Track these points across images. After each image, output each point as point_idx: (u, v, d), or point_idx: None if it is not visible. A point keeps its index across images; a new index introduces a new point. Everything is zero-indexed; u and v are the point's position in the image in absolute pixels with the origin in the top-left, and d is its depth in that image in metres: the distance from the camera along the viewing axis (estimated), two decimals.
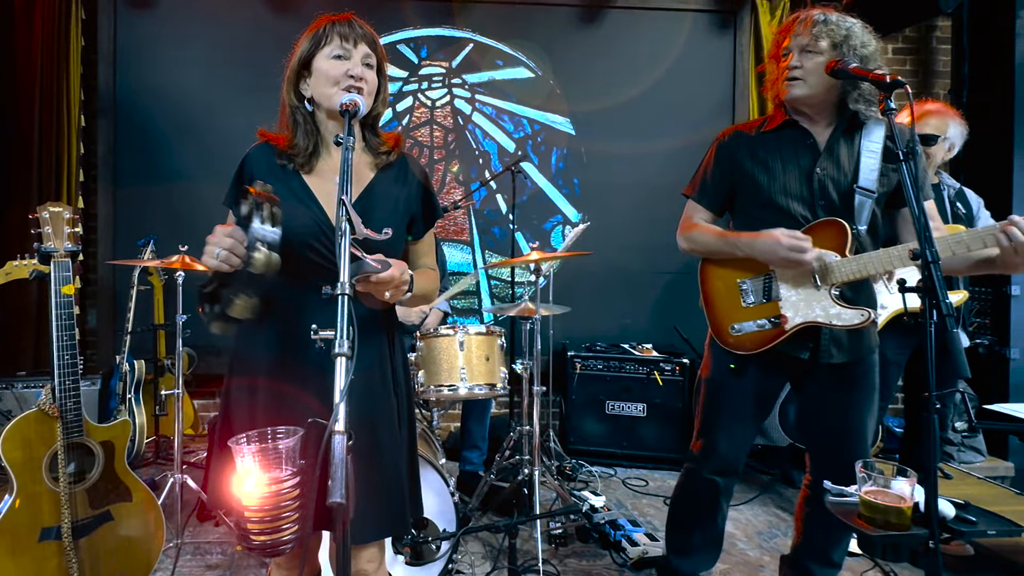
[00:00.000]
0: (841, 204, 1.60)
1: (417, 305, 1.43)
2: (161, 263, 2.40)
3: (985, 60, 3.47)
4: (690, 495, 1.87)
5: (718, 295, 1.75)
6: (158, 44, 3.57)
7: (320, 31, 1.26)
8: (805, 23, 1.57)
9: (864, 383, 1.67)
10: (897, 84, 1.38)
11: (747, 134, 1.73)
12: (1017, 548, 2.38)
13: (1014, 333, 3.26)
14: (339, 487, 0.74)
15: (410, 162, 1.36)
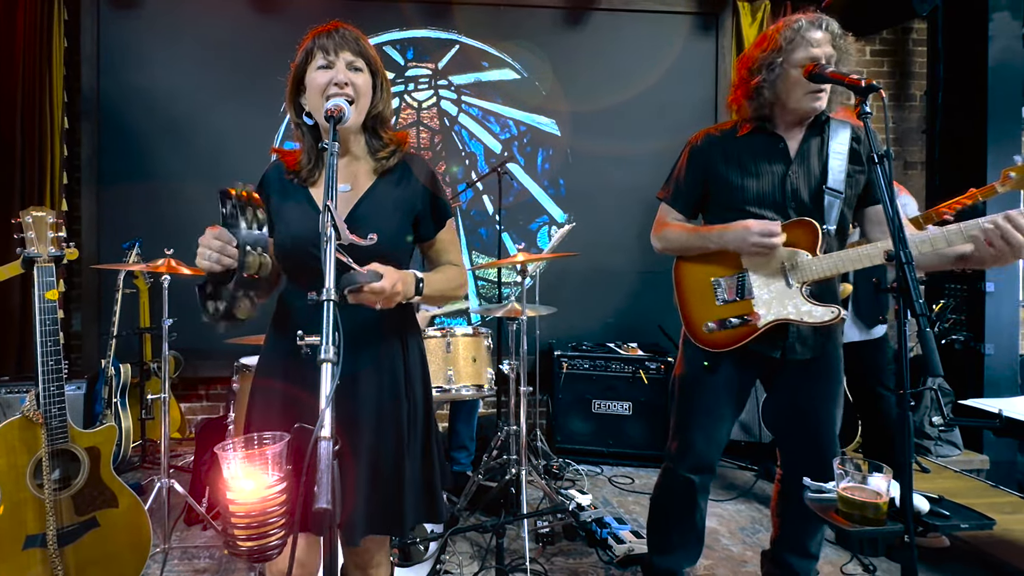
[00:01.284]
0: (812, 205, 1.64)
1: (439, 304, 1.44)
2: (147, 267, 2.39)
3: (959, 61, 3.55)
4: (668, 494, 1.88)
5: (692, 293, 1.77)
6: (142, 45, 3.54)
7: (307, 46, 1.28)
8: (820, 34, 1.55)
9: (829, 377, 1.72)
10: (872, 88, 1.40)
11: (720, 138, 1.75)
12: (992, 540, 2.45)
13: (989, 329, 3.34)
14: (325, 493, 0.75)
15: (414, 163, 1.36)
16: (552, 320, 3.56)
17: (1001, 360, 3.36)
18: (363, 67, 1.28)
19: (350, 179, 1.31)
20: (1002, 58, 3.37)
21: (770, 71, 1.59)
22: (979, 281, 3.32)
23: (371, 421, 1.24)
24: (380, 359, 1.28)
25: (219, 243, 1.04)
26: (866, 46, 3.95)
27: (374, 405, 1.25)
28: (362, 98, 1.27)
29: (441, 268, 1.40)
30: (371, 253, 1.16)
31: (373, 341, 1.27)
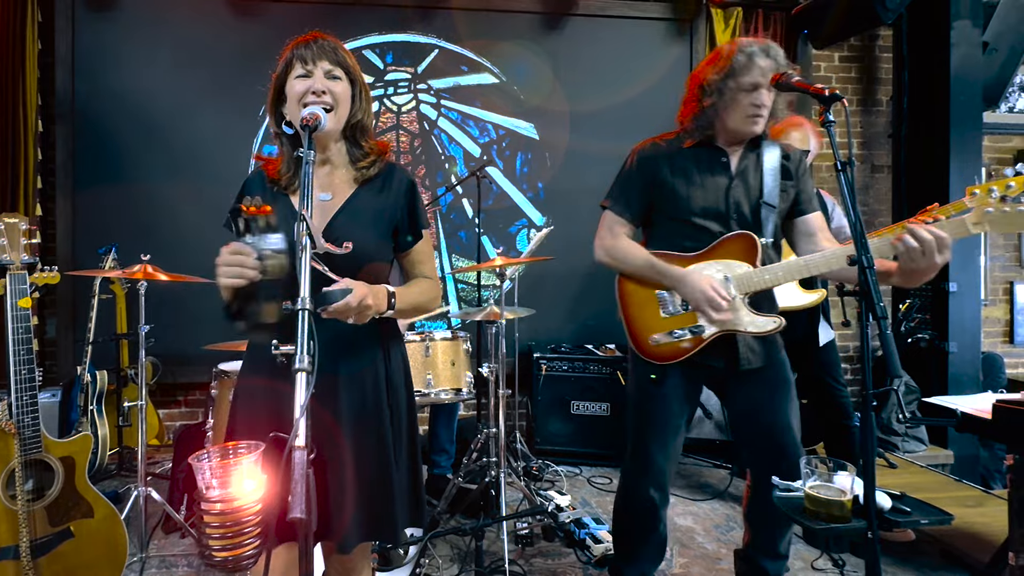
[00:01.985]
0: (751, 218, 1.71)
1: (412, 317, 1.45)
2: (122, 273, 2.37)
3: (923, 68, 3.65)
4: (632, 512, 1.89)
5: (636, 306, 1.78)
6: (119, 47, 3.50)
7: (287, 56, 1.30)
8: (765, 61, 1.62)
9: (781, 381, 1.77)
10: (835, 98, 1.45)
11: (666, 148, 1.77)
12: (955, 533, 2.54)
13: (952, 328, 3.45)
14: (299, 502, 0.77)
15: (395, 172, 1.37)
16: (532, 322, 3.60)
17: (964, 357, 3.47)
18: (341, 76, 1.29)
19: (330, 188, 1.32)
20: (963, 64, 3.48)
21: (721, 95, 1.66)
22: (943, 281, 3.43)
23: (354, 428, 1.26)
24: (363, 366, 1.29)
25: (238, 258, 1.05)
26: (835, 52, 4.05)
27: (357, 412, 1.26)
28: (341, 106, 1.28)
29: (415, 282, 1.41)
30: (350, 262, 1.19)
31: (355, 348, 1.28)
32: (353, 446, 1.25)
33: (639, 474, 1.83)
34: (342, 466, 1.23)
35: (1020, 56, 3.56)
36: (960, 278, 3.47)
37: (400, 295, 1.28)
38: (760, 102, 1.64)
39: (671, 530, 2.64)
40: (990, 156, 4.13)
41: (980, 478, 3.23)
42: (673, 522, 2.72)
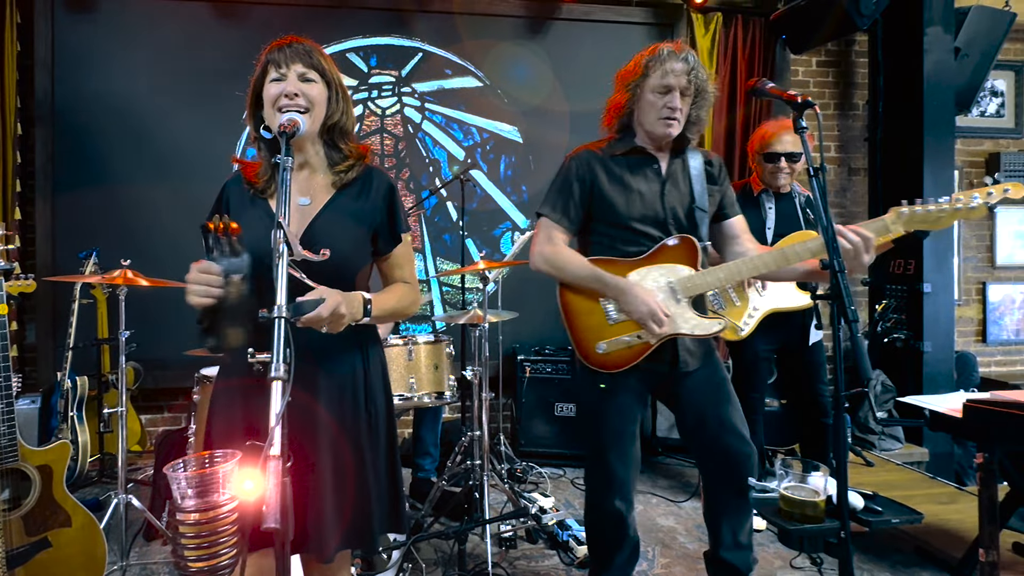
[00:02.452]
0: (687, 222, 1.74)
1: (391, 322, 1.45)
2: (102, 279, 2.35)
3: (897, 73, 3.73)
4: (601, 526, 1.87)
5: (580, 315, 1.75)
6: (99, 49, 3.47)
7: (263, 60, 1.30)
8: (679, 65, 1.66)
9: (719, 380, 1.80)
10: (807, 104, 1.50)
11: (600, 156, 1.77)
12: (929, 529, 2.58)
13: (927, 327, 3.52)
14: (274, 512, 0.78)
15: (375, 176, 1.37)
16: (516, 325, 3.61)
17: (938, 357, 3.55)
18: (316, 78, 1.29)
19: (309, 192, 1.32)
20: (936, 70, 3.55)
21: (633, 94, 1.69)
22: (918, 282, 3.50)
23: (333, 433, 1.25)
24: (342, 373, 1.29)
25: (205, 276, 1.06)
26: (812, 57, 4.12)
27: (336, 417, 1.26)
28: (316, 108, 1.28)
29: (393, 287, 1.41)
30: (328, 268, 1.18)
31: (333, 353, 1.28)
32: (331, 454, 1.24)
33: (603, 488, 1.81)
34: (320, 474, 1.22)
35: (990, 61, 3.65)
36: (934, 279, 3.54)
37: (377, 302, 1.27)
38: (674, 105, 1.67)
39: (653, 531, 2.67)
40: (962, 159, 4.23)
41: (954, 475, 3.30)
42: (655, 522, 2.75)
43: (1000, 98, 4.30)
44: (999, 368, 4.29)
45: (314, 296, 1.11)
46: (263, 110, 1.30)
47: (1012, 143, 4.30)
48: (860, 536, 2.55)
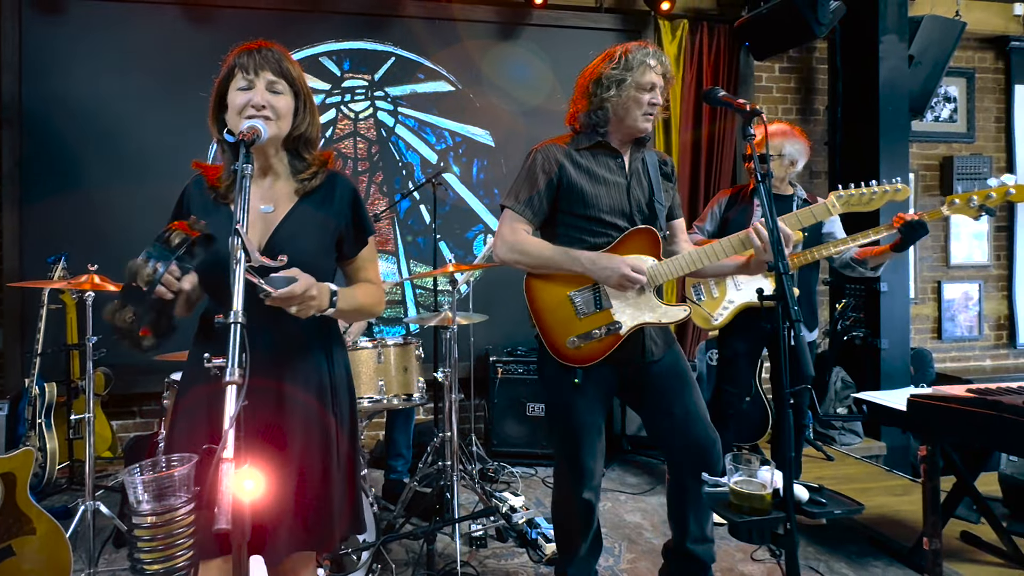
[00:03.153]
0: (650, 215, 1.81)
1: (355, 319, 1.46)
2: (68, 284, 2.35)
3: (855, 79, 3.86)
4: (571, 517, 1.92)
5: (550, 311, 1.77)
6: (68, 52, 3.44)
7: (229, 63, 1.29)
8: (659, 65, 1.75)
9: (681, 369, 1.86)
10: (755, 112, 1.57)
11: (566, 149, 1.80)
12: (884, 520, 2.70)
13: (884, 325, 3.65)
14: (225, 514, 0.82)
15: (338, 182, 1.37)
16: (489, 327, 3.66)
17: (894, 353, 3.68)
18: (284, 89, 1.28)
19: (272, 199, 1.32)
20: (891, 76, 3.69)
21: (619, 88, 1.72)
22: (875, 282, 3.63)
23: (298, 435, 1.26)
24: (307, 373, 1.30)
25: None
26: (775, 64, 4.23)
27: (301, 419, 1.27)
28: (282, 120, 1.27)
29: (358, 285, 1.42)
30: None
31: (298, 355, 1.29)
32: (295, 452, 1.26)
33: (574, 481, 1.85)
34: (282, 477, 1.23)
35: (943, 69, 3.80)
36: (891, 278, 3.67)
37: (343, 295, 1.28)
38: (656, 101, 1.74)
39: (620, 526, 2.74)
40: (918, 163, 4.38)
41: (911, 468, 3.42)
42: (622, 518, 2.82)
43: (953, 104, 4.46)
44: (954, 364, 4.45)
45: (288, 274, 1.12)
46: (226, 112, 1.29)
47: (964, 147, 4.47)
48: (817, 528, 2.65)
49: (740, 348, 2.68)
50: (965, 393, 1.76)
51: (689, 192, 3.96)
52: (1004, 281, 4.54)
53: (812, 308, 2.72)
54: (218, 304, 1.27)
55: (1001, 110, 4.55)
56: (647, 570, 2.37)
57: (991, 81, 4.54)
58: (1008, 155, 4.54)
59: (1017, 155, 4.52)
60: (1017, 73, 4.47)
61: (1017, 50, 4.46)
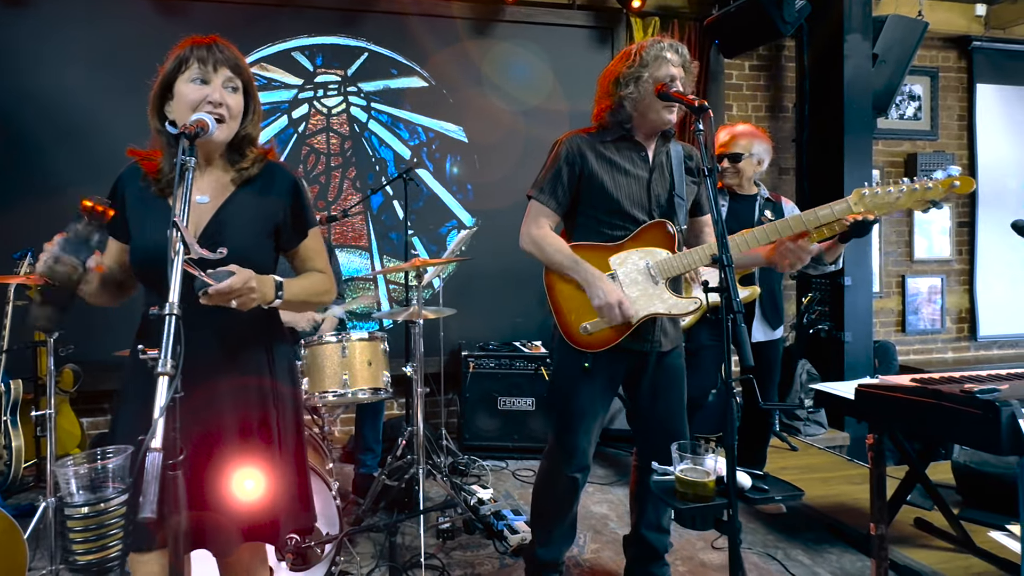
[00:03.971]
0: (668, 208, 1.85)
1: (304, 310, 1.46)
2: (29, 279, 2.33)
3: (821, 77, 3.93)
4: (553, 493, 1.98)
5: (566, 298, 1.85)
6: (35, 45, 3.38)
7: (181, 54, 1.26)
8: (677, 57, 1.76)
9: (680, 366, 1.93)
10: (703, 108, 1.60)
11: (589, 140, 1.84)
12: (843, 508, 2.76)
13: (847, 319, 3.73)
14: (150, 503, 0.83)
15: (276, 172, 1.36)
16: (462, 322, 3.68)
17: (857, 346, 3.76)
18: (239, 87, 1.28)
19: (209, 190, 1.31)
20: (855, 75, 3.75)
21: (637, 84, 1.76)
22: (839, 276, 3.70)
23: (236, 430, 1.26)
24: (246, 368, 1.30)
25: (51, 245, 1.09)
26: (745, 62, 4.29)
27: (239, 414, 1.27)
28: (233, 120, 1.27)
29: (305, 274, 1.42)
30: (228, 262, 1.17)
31: (237, 350, 1.29)
32: (233, 447, 1.25)
33: (565, 458, 1.91)
34: (221, 471, 1.23)
35: (905, 67, 3.87)
36: (854, 273, 3.75)
37: (288, 285, 1.29)
38: (679, 91, 1.75)
39: (587, 517, 2.78)
40: (884, 159, 4.47)
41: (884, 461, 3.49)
42: (589, 509, 2.86)
43: (917, 102, 4.56)
44: (917, 356, 4.56)
45: (224, 269, 1.13)
46: (170, 103, 1.27)
47: (928, 144, 4.57)
48: (777, 517, 2.71)
49: (704, 341, 2.72)
50: (908, 383, 1.81)
51: None
52: (966, 275, 4.66)
53: (776, 306, 2.76)
54: (157, 297, 1.25)
55: (964, 108, 4.65)
56: (610, 559, 2.41)
57: (954, 80, 4.64)
58: (970, 152, 4.65)
59: (978, 152, 4.63)
60: (979, 72, 4.58)
61: (979, 50, 4.56)
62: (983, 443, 1.54)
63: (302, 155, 3.82)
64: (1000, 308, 4.65)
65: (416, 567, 2.29)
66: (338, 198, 3.86)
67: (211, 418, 1.24)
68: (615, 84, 1.80)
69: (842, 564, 2.35)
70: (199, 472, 1.21)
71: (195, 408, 1.19)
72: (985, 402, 1.50)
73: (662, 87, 1.73)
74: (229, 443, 1.25)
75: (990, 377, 1.78)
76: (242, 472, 1.22)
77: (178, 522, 0.98)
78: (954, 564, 2.21)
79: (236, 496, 1.19)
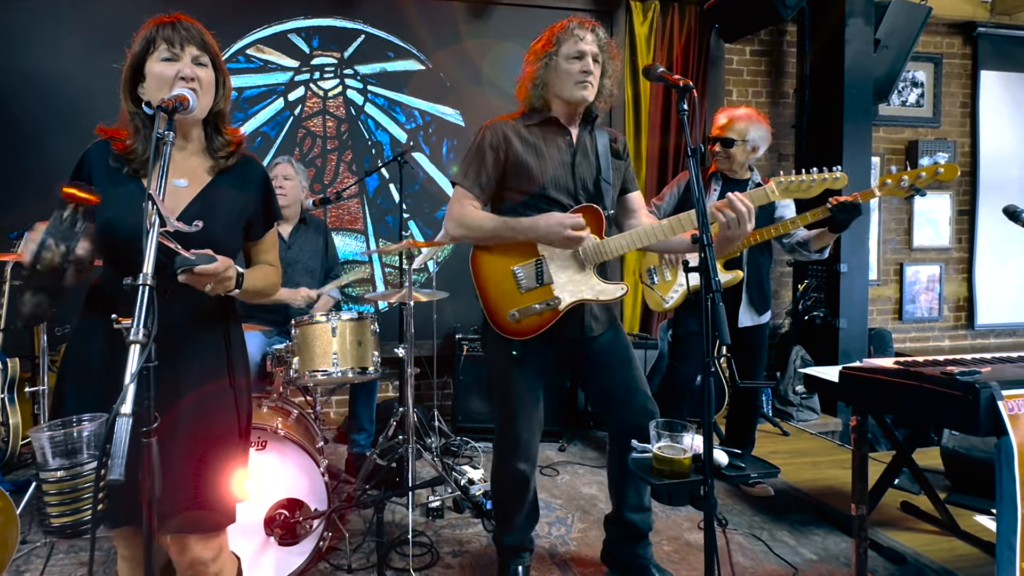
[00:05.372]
0: (595, 192, 1.84)
1: (254, 300, 1.49)
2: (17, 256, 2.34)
3: (822, 62, 3.88)
4: (505, 486, 2.00)
5: (493, 284, 1.84)
6: (31, 28, 3.39)
7: (147, 34, 1.29)
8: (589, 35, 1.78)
9: (622, 345, 1.92)
10: (687, 88, 1.58)
11: (514, 125, 1.85)
12: (831, 492, 2.78)
13: (843, 305, 3.73)
14: (118, 466, 0.84)
15: (250, 166, 1.41)
16: (458, 306, 3.70)
17: (853, 333, 3.76)
18: (207, 63, 1.30)
19: (187, 174, 1.32)
20: (856, 60, 3.71)
21: (546, 64, 1.78)
22: (835, 263, 3.69)
23: (194, 409, 1.28)
24: (203, 349, 1.33)
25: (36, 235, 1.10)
26: (746, 47, 4.25)
27: (197, 394, 1.29)
28: (205, 95, 1.28)
29: (260, 266, 1.46)
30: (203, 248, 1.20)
31: (195, 332, 1.32)
32: (190, 426, 1.27)
33: (509, 451, 1.92)
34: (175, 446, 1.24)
35: (908, 53, 3.83)
36: (850, 260, 3.74)
37: (247, 276, 1.32)
38: (587, 68, 1.76)
39: (576, 498, 2.80)
40: (885, 146, 4.43)
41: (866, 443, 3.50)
42: (578, 491, 2.88)
43: (920, 89, 4.51)
44: (913, 344, 4.55)
45: (204, 253, 1.15)
46: (142, 84, 1.29)
47: (930, 131, 4.52)
48: (765, 499, 2.73)
49: (692, 326, 2.72)
50: (892, 365, 1.81)
51: (658, 172, 3.99)
52: (964, 264, 4.63)
53: (763, 292, 2.76)
54: (117, 273, 1.22)
55: (967, 95, 4.60)
56: (596, 539, 2.43)
57: (958, 67, 4.58)
58: (972, 140, 4.60)
59: (980, 140, 4.58)
60: (983, 59, 4.52)
61: (984, 36, 4.50)
62: (963, 424, 1.54)
63: (298, 138, 3.82)
64: (999, 297, 4.63)
65: (404, 543, 2.32)
66: (334, 181, 3.86)
67: (170, 396, 1.24)
68: (532, 62, 1.82)
69: (826, 545, 2.37)
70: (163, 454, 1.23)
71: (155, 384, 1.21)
72: (965, 384, 1.50)
73: (649, 66, 1.73)
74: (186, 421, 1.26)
75: (973, 360, 1.78)
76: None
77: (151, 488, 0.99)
78: (938, 547, 2.23)
79: None
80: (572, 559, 2.28)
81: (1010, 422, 1.43)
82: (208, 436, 1.29)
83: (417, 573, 2.18)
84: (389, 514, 2.59)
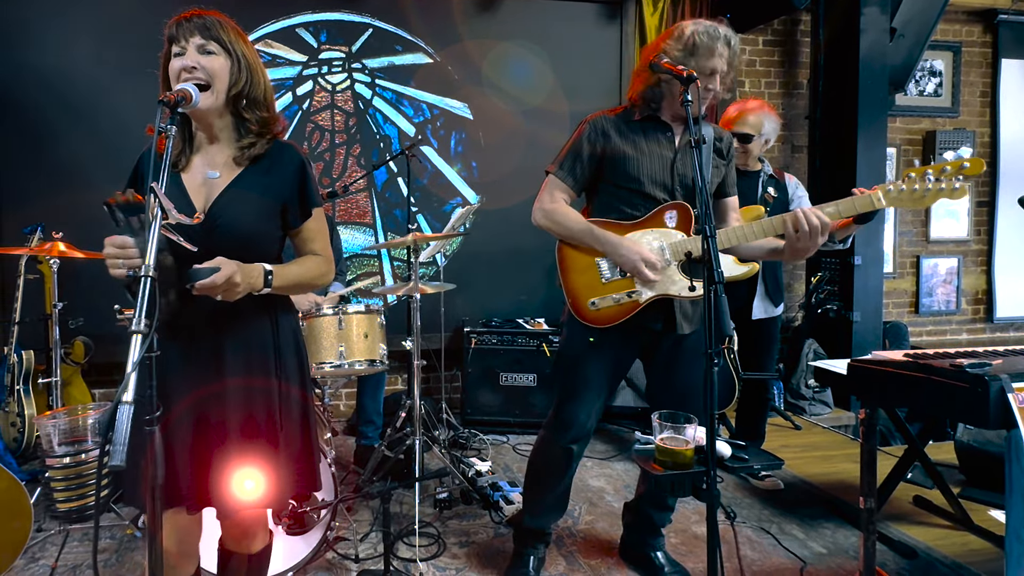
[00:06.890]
0: (693, 190, 1.81)
1: (299, 293, 1.48)
2: (31, 250, 2.39)
3: (836, 52, 3.81)
4: (547, 462, 1.99)
5: (576, 273, 1.86)
6: (38, 21, 3.42)
7: (166, 35, 1.31)
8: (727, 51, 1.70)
9: (699, 351, 1.89)
10: (691, 79, 1.55)
11: (615, 119, 1.84)
12: (842, 485, 2.75)
13: (857, 298, 3.67)
14: (120, 452, 0.85)
15: (286, 150, 1.38)
16: (466, 298, 3.70)
17: (867, 326, 3.70)
18: (216, 50, 1.28)
19: (218, 166, 1.33)
20: (871, 49, 3.63)
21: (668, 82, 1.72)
22: (850, 255, 3.63)
23: (240, 397, 1.30)
24: (249, 337, 1.33)
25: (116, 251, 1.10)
26: (759, 37, 4.18)
27: (243, 381, 1.30)
28: (217, 80, 1.27)
29: (300, 259, 1.43)
30: (234, 242, 1.24)
31: (240, 320, 1.32)
32: (236, 414, 1.30)
33: (563, 428, 1.91)
34: (225, 437, 1.28)
35: (925, 42, 3.74)
36: (864, 252, 3.68)
37: (279, 272, 1.30)
38: (713, 87, 1.72)
39: (584, 491, 2.80)
40: (902, 137, 4.34)
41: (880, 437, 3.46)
42: (586, 483, 2.88)
43: (938, 78, 4.40)
44: (930, 338, 4.47)
45: (211, 265, 1.16)
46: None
47: (948, 121, 4.42)
48: (775, 493, 2.71)
49: None
50: (901, 358, 1.78)
51: None
52: (983, 256, 4.54)
53: (777, 283, 2.73)
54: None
55: (987, 84, 4.49)
56: (603, 530, 2.43)
57: (978, 55, 4.47)
58: (992, 130, 4.49)
59: (1001, 130, 4.48)
60: (1004, 47, 4.41)
61: (1005, 23, 4.38)
62: (972, 417, 1.51)
63: (307, 132, 3.84)
64: (1019, 290, 4.53)
65: (411, 534, 2.34)
66: (342, 175, 3.87)
67: (215, 384, 1.27)
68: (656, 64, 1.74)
69: (835, 538, 2.35)
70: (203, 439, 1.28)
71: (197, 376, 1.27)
72: (974, 376, 1.47)
73: (652, 57, 1.70)
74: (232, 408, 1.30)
75: (985, 353, 1.75)
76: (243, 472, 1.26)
77: (155, 475, 1.01)
78: (950, 541, 2.20)
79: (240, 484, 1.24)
80: (578, 550, 2.28)
81: (1020, 415, 1.41)
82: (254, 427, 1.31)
83: (424, 563, 2.20)
84: (397, 505, 2.61)
